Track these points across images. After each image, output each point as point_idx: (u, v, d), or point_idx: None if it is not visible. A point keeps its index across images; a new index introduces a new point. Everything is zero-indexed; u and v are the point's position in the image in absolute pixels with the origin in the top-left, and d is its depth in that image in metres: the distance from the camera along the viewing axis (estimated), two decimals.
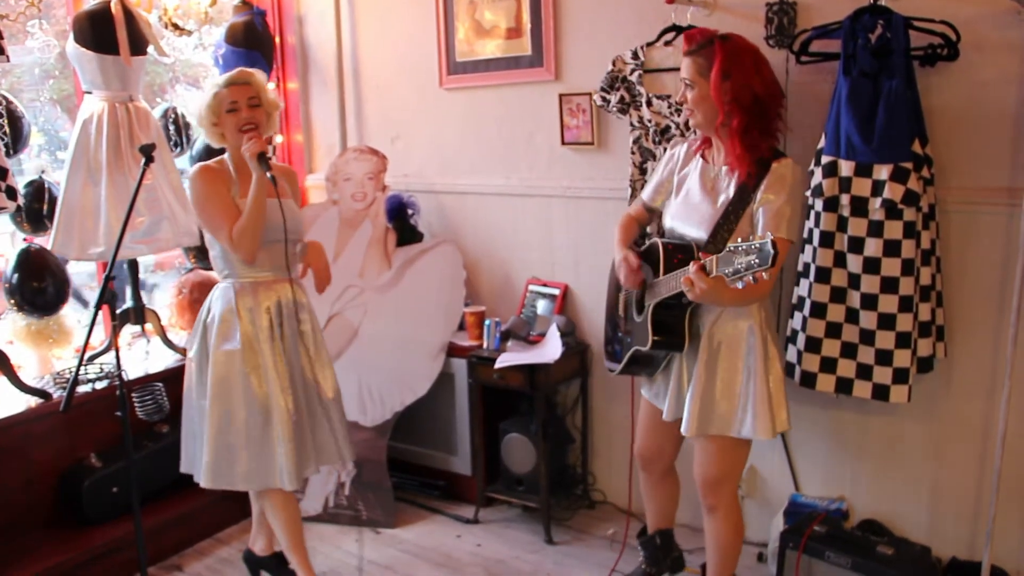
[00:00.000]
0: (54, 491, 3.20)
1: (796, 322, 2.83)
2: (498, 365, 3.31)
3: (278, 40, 4.21)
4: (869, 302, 2.63)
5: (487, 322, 3.52)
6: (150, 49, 3.42)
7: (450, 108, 3.84)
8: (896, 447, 2.95)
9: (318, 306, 3.21)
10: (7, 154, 3.06)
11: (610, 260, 2.76)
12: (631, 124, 3.17)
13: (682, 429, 2.47)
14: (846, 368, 2.72)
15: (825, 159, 2.67)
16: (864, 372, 2.69)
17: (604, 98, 3.20)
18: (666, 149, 3.08)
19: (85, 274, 4.15)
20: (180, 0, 3.66)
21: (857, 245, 2.63)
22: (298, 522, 2.88)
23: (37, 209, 3.30)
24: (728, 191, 2.40)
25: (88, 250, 3.29)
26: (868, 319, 2.64)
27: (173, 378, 3.52)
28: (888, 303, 2.60)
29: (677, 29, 3.03)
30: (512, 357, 3.32)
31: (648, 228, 2.86)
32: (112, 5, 3.25)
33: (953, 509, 2.88)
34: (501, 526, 3.52)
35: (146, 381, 3.39)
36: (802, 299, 2.80)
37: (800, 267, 2.81)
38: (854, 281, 2.66)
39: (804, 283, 2.80)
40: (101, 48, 3.24)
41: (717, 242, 2.34)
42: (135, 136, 3.34)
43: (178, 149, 3.78)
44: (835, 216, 2.67)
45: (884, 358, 2.64)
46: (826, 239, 2.69)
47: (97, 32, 3.23)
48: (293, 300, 2.78)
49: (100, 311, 2.47)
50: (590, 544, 3.32)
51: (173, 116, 3.78)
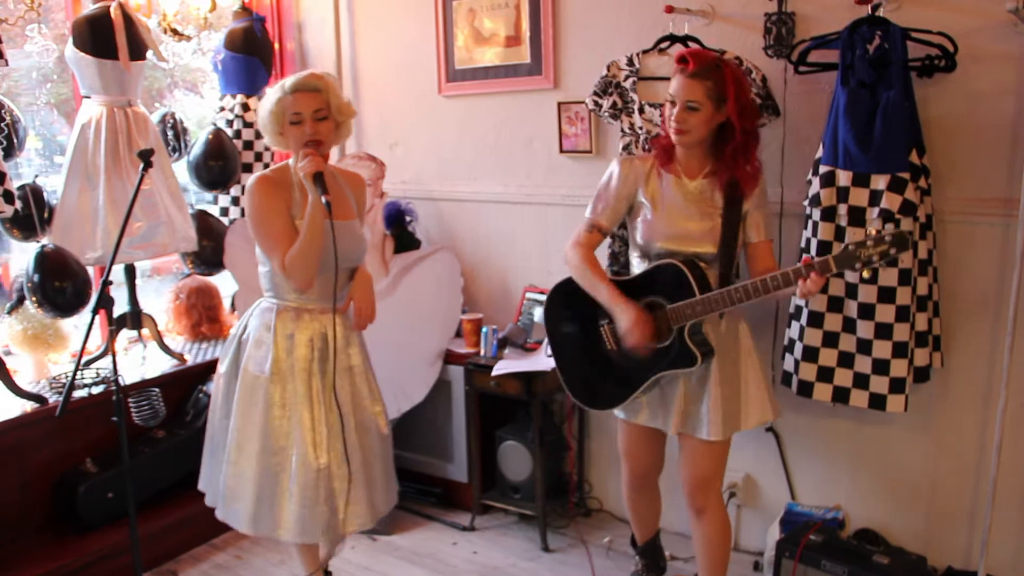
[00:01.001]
0: (49, 496, 3.19)
1: (793, 331, 2.84)
2: (495, 372, 3.31)
3: (277, 46, 4.22)
4: (866, 312, 2.63)
5: (484, 329, 3.52)
6: (149, 54, 3.43)
7: (449, 115, 3.85)
8: (892, 456, 2.95)
9: None
10: (3, 158, 3.05)
11: None
12: (622, 130, 3.17)
13: (705, 435, 2.49)
14: (843, 377, 2.73)
15: (823, 169, 2.68)
16: (861, 381, 2.70)
17: (596, 102, 3.20)
18: None
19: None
20: (179, 5, 3.67)
21: None
22: (314, 554, 2.74)
23: (28, 215, 3.22)
24: (717, 202, 2.49)
25: (85, 255, 3.29)
26: (865, 329, 2.65)
27: (170, 383, 3.52)
28: (885, 313, 2.61)
29: (674, 39, 3.04)
30: (509, 364, 3.33)
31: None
32: (111, 10, 3.25)
33: (949, 518, 2.88)
34: (497, 533, 3.51)
35: (142, 386, 3.38)
36: (799, 308, 2.81)
37: None
38: (851, 291, 2.66)
39: None
40: (100, 53, 3.25)
41: (729, 253, 2.47)
42: (133, 141, 3.34)
43: (176, 154, 3.78)
44: (833, 226, 2.67)
45: (881, 367, 2.65)
46: (824, 248, 2.69)
47: (96, 37, 3.23)
48: (344, 334, 2.49)
49: (97, 316, 2.47)
50: (586, 552, 3.32)
51: (171, 121, 3.78)
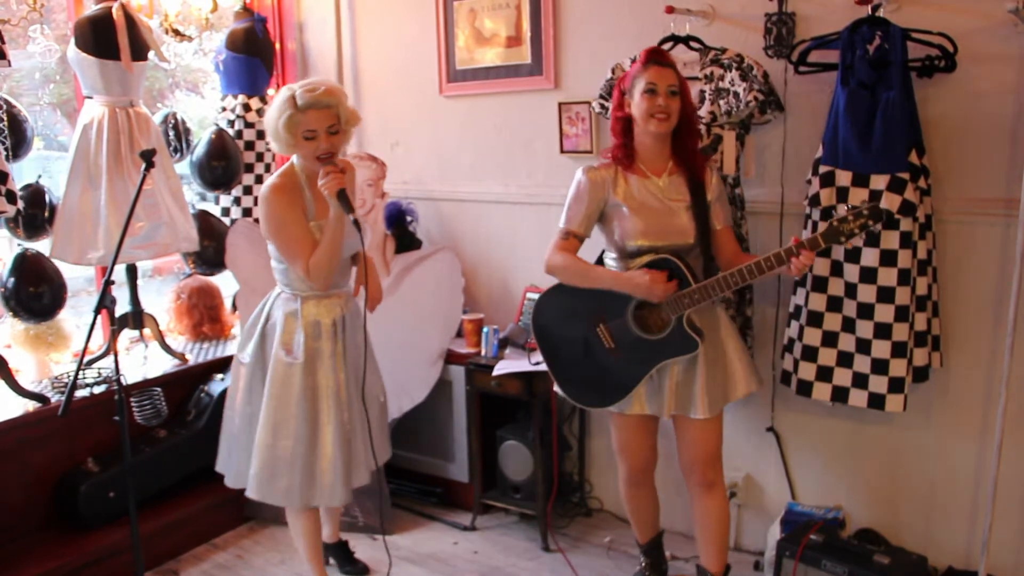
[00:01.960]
0: (51, 495, 3.20)
1: (793, 331, 2.84)
2: (496, 372, 3.32)
3: (278, 46, 4.22)
4: (865, 311, 2.64)
5: (485, 329, 3.52)
6: (151, 55, 3.43)
7: (450, 115, 3.85)
8: (892, 456, 2.96)
9: None
10: (7, 158, 3.06)
11: None
12: None
13: (702, 413, 2.55)
14: (842, 377, 2.73)
15: (823, 169, 2.68)
16: (860, 381, 2.70)
17: (603, 105, 3.21)
18: None
19: (83, 279, 4.15)
20: (181, 6, 3.68)
21: (854, 255, 2.64)
22: (318, 535, 2.92)
23: (33, 214, 3.26)
24: (685, 196, 2.56)
25: (87, 255, 3.30)
26: (864, 328, 2.65)
27: (171, 383, 3.53)
28: (884, 312, 2.61)
29: (676, 39, 3.05)
30: (510, 364, 3.33)
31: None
32: (113, 10, 3.26)
33: (949, 518, 2.88)
34: (498, 533, 3.52)
35: (144, 386, 3.39)
36: (799, 308, 2.82)
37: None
38: (851, 290, 2.67)
39: (801, 292, 2.81)
40: (102, 53, 3.25)
41: (706, 242, 2.56)
42: (135, 141, 3.35)
43: (178, 155, 3.78)
44: None
45: (880, 367, 2.65)
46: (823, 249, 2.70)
47: (98, 37, 3.24)
48: (357, 312, 2.77)
49: (99, 315, 2.47)
50: (587, 552, 3.32)
51: (173, 121, 3.78)
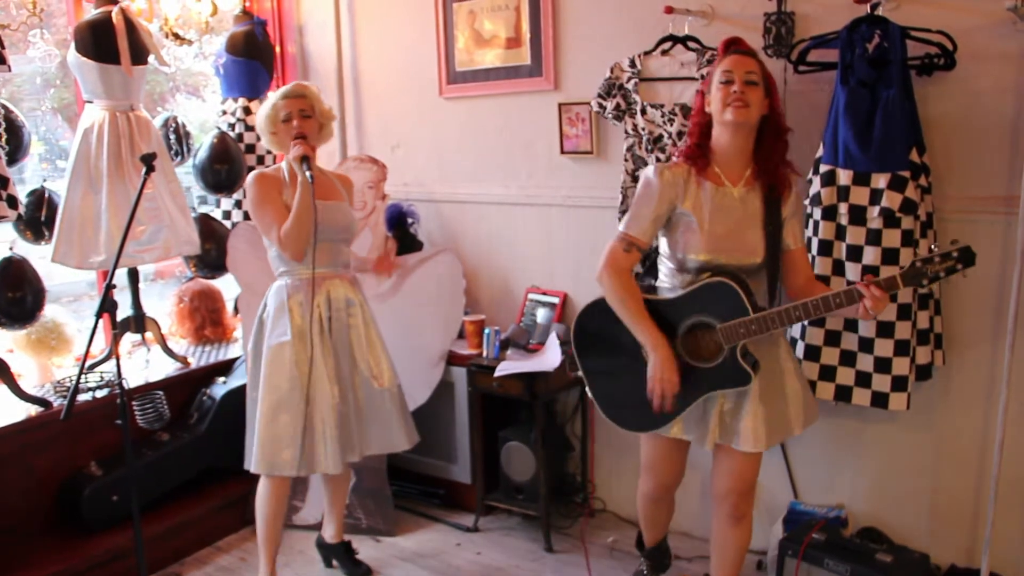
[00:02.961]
0: (54, 499, 3.20)
1: (795, 330, 2.84)
2: (498, 373, 3.32)
3: (278, 50, 4.23)
4: None
5: (487, 331, 3.52)
6: (151, 58, 3.44)
7: (450, 117, 3.86)
8: (895, 454, 2.96)
9: None
10: (7, 163, 3.06)
11: None
12: (625, 132, 3.18)
13: (750, 447, 2.38)
14: (845, 376, 2.74)
15: (823, 168, 2.68)
16: (863, 380, 2.70)
17: (601, 104, 3.21)
18: (658, 158, 3.09)
19: (84, 283, 4.16)
20: (181, 10, 3.68)
21: (855, 254, 2.64)
22: (280, 517, 2.96)
23: (38, 218, 3.30)
24: (759, 210, 2.37)
25: (89, 259, 3.30)
26: (867, 327, 2.65)
27: (173, 386, 3.53)
28: (886, 311, 2.60)
29: (674, 39, 3.05)
30: (511, 366, 3.33)
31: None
32: (113, 15, 3.26)
33: (952, 516, 2.88)
34: (501, 534, 3.52)
35: (146, 389, 3.39)
36: None
37: None
38: None
39: None
40: (102, 58, 3.26)
41: (775, 263, 2.40)
42: (136, 145, 3.35)
43: (179, 158, 3.79)
44: (833, 225, 2.68)
45: (883, 366, 2.65)
46: (825, 248, 2.70)
47: (98, 42, 3.24)
48: (344, 296, 2.92)
49: (101, 319, 2.47)
50: (590, 552, 3.32)
51: (174, 125, 3.79)
